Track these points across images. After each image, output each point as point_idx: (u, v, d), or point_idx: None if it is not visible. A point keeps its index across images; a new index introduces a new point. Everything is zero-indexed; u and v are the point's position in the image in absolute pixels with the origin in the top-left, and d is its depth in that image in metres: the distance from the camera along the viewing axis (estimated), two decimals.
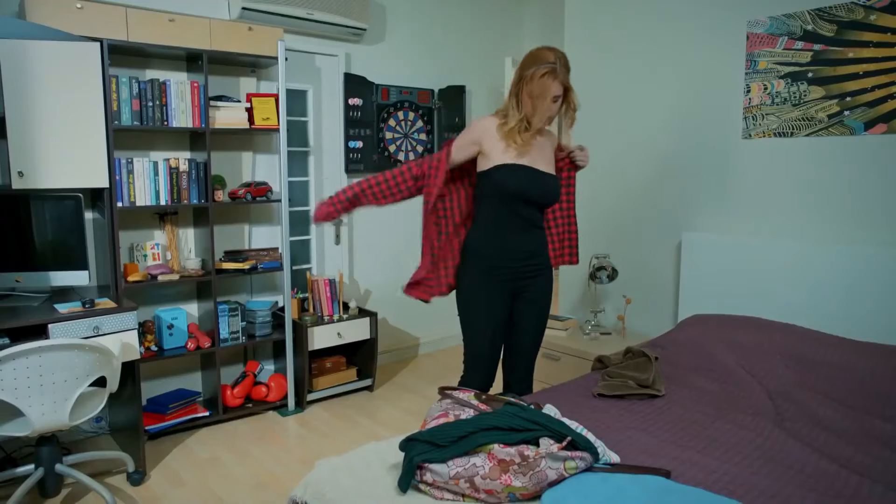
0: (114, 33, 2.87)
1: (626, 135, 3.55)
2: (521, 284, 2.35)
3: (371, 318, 3.75)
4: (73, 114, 2.68)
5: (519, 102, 2.19)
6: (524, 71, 2.15)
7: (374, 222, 4.29)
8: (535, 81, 2.11)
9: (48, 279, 2.79)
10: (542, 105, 2.13)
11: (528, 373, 2.48)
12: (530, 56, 2.17)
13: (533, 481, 1.48)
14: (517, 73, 2.18)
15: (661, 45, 3.34)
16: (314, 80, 3.92)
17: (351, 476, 1.66)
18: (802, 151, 2.85)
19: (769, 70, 2.93)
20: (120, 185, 2.97)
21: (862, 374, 2.26)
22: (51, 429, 2.31)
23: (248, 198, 3.36)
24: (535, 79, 2.11)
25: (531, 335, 2.42)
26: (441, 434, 1.55)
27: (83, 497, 2.60)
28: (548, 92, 2.11)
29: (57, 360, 2.22)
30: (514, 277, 2.31)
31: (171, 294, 3.41)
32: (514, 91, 2.19)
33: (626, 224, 3.59)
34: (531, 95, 2.14)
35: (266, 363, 3.77)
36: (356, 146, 4.11)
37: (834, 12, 2.71)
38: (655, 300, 3.47)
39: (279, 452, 3.03)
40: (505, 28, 4.91)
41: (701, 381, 2.37)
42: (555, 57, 2.12)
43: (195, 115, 3.12)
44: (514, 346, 2.44)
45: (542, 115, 2.16)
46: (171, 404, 3.19)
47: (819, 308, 2.75)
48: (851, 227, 2.73)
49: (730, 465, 1.69)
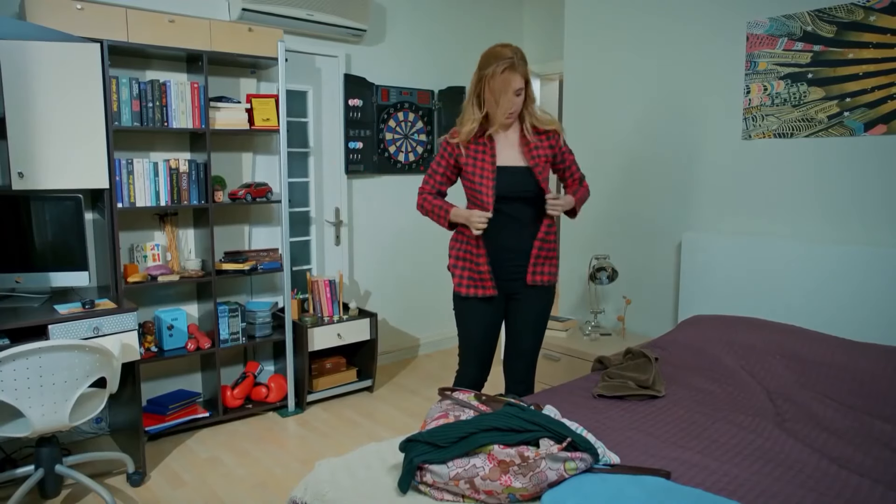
0: (114, 34, 2.87)
1: (625, 135, 3.55)
2: (512, 285, 2.37)
3: (371, 319, 3.75)
4: (73, 115, 2.68)
5: (481, 102, 2.24)
6: (483, 70, 2.20)
7: (374, 223, 4.29)
8: (497, 77, 2.16)
9: (48, 280, 2.79)
10: (504, 100, 2.19)
11: (527, 374, 2.49)
12: (487, 56, 2.22)
13: (533, 482, 1.48)
14: (476, 74, 2.24)
15: (661, 45, 3.35)
16: (314, 80, 3.92)
17: (351, 477, 1.65)
18: (802, 152, 2.85)
19: (769, 71, 2.93)
20: (120, 186, 2.97)
21: (862, 375, 2.26)
22: (51, 429, 2.31)
23: (248, 198, 3.36)
24: (497, 75, 2.16)
25: (526, 337, 2.43)
26: (441, 435, 1.55)
27: (83, 498, 2.60)
28: (509, 86, 2.16)
29: (57, 361, 2.22)
30: (504, 277, 2.35)
31: (171, 295, 3.41)
32: (476, 91, 2.25)
33: (626, 225, 3.59)
34: (494, 92, 2.19)
35: (266, 364, 3.77)
36: (356, 147, 4.11)
37: (834, 13, 2.71)
38: (655, 301, 3.47)
39: (279, 453, 3.03)
40: (505, 28, 4.91)
41: (701, 381, 2.37)
42: (511, 52, 2.18)
43: (195, 115, 3.12)
44: (511, 348, 2.46)
45: (504, 110, 2.21)
46: (171, 405, 3.19)
47: (819, 308, 2.75)
48: (851, 228, 2.73)
49: (730, 465, 1.69)
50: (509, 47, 2.20)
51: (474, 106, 2.26)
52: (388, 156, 4.29)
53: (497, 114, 2.22)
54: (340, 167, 4.08)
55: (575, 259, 3.88)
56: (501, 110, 2.22)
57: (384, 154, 4.27)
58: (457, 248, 2.40)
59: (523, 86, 2.20)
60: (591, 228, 3.77)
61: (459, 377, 2.50)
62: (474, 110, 2.26)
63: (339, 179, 4.09)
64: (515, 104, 2.22)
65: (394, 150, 4.31)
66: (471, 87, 2.28)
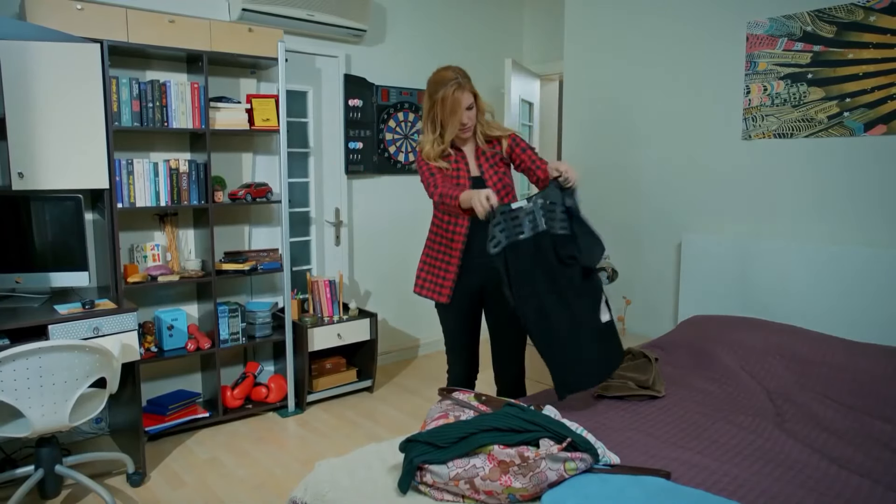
0: (114, 34, 2.87)
1: (626, 135, 3.55)
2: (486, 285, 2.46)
3: (371, 319, 3.75)
4: (73, 115, 2.68)
5: (436, 124, 2.38)
6: (434, 96, 2.34)
7: (374, 223, 4.30)
8: (449, 99, 2.30)
9: (48, 280, 2.79)
10: (456, 118, 2.33)
11: (512, 363, 2.55)
12: (433, 82, 2.37)
13: (533, 482, 1.48)
14: (427, 100, 2.39)
15: (661, 45, 3.35)
16: (314, 81, 3.92)
17: (351, 477, 1.66)
18: (802, 152, 2.85)
19: (769, 71, 2.93)
20: (120, 186, 2.97)
21: (862, 375, 2.26)
22: (51, 430, 2.31)
23: (248, 199, 3.36)
24: (448, 97, 2.30)
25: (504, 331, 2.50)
26: (441, 435, 1.55)
27: (83, 498, 2.60)
28: (459, 105, 2.31)
29: (57, 361, 2.22)
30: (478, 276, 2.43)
31: (171, 295, 3.41)
32: (430, 116, 2.39)
33: (626, 225, 3.59)
34: (446, 113, 2.33)
35: (266, 364, 3.77)
36: (356, 147, 4.11)
37: (833, 13, 2.71)
38: (655, 301, 3.47)
39: (279, 453, 3.03)
40: (505, 28, 4.91)
41: (701, 382, 2.37)
42: (454, 73, 2.34)
43: (195, 116, 3.12)
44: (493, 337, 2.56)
45: (455, 126, 2.35)
46: (171, 405, 3.19)
47: (819, 308, 2.75)
48: (851, 228, 2.73)
49: (730, 465, 1.69)
50: (451, 69, 2.37)
51: (429, 130, 2.40)
52: (388, 156, 4.29)
53: (454, 131, 2.36)
54: (340, 167, 4.08)
55: None
56: (452, 127, 2.36)
57: (384, 154, 4.27)
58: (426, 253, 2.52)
59: (473, 100, 2.36)
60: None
61: (450, 375, 2.61)
62: (430, 134, 2.40)
63: (339, 179, 4.09)
64: (470, 118, 2.37)
65: (394, 150, 4.31)
66: (424, 113, 2.42)
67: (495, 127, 2.48)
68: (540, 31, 4.92)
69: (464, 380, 2.58)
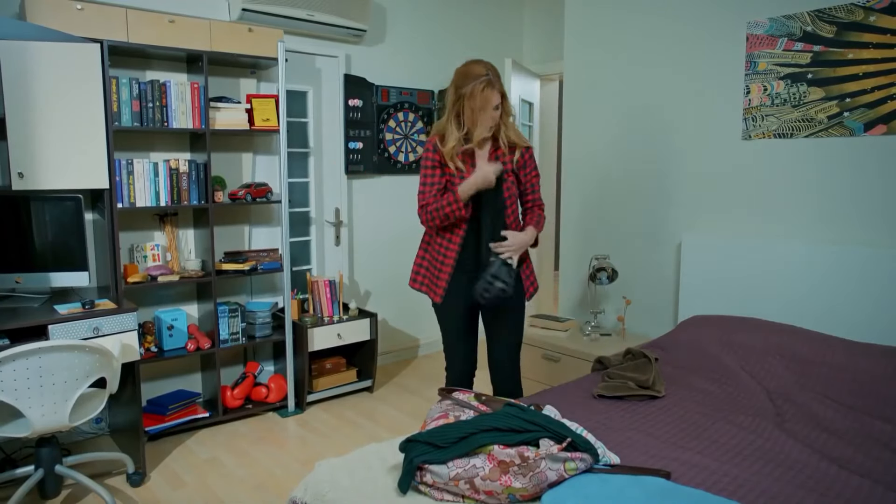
0: (114, 34, 2.87)
1: (625, 135, 3.55)
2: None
3: (371, 319, 3.75)
4: (73, 115, 2.68)
5: (461, 119, 2.29)
6: (461, 89, 2.25)
7: (374, 223, 4.30)
8: (477, 96, 2.21)
9: (48, 280, 2.79)
10: (484, 116, 2.25)
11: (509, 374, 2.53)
12: (462, 74, 2.27)
13: (533, 482, 1.48)
14: (454, 92, 2.29)
15: (661, 45, 3.35)
16: (314, 81, 3.92)
17: (351, 477, 1.66)
18: (802, 152, 2.85)
19: (769, 71, 2.93)
20: (120, 186, 2.97)
21: (862, 375, 2.26)
22: (51, 430, 2.31)
23: (248, 199, 3.36)
24: (477, 93, 2.21)
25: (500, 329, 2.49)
26: (441, 435, 1.55)
27: (83, 498, 2.60)
28: (489, 103, 2.23)
29: (57, 361, 2.22)
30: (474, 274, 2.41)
31: (171, 295, 3.41)
32: (455, 110, 2.30)
33: (626, 225, 3.59)
34: (474, 109, 2.24)
35: (266, 364, 3.77)
36: (356, 147, 4.11)
37: (833, 13, 2.71)
38: (655, 301, 3.47)
39: (279, 453, 3.03)
40: (505, 28, 4.91)
41: (701, 382, 2.37)
42: (486, 69, 2.24)
43: (195, 116, 3.12)
44: (490, 345, 2.54)
45: (484, 126, 2.28)
46: (170, 405, 3.19)
47: (819, 309, 2.75)
48: (851, 228, 2.73)
49: (730, 466, 1.69)
50: (483, 64, 2.27)
51: (453, 124, 2.31)
52: (388, 156, 4.29)
53: (478, 130, 2.29)
54: (340, 167, 4.08)
55: (575, 259, 3.88)
56: (483, 126, 2.28)
57: (384, 154, 4.27)
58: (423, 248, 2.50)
59: (500, 101, 2.27)
60: (591, 228, 3.77)
61: (448, 372, 2.59)
62: (454, 128, 2.31)
63: (339, 179, 4.09)
64: (494, 119, 2.29)
65: (394, 150, 4.31)
66: (448, 105, 2.33)
67: (516, 134, 2.40)
68: (540, 31, 4.92)
69: (463, 375, 2.57)
